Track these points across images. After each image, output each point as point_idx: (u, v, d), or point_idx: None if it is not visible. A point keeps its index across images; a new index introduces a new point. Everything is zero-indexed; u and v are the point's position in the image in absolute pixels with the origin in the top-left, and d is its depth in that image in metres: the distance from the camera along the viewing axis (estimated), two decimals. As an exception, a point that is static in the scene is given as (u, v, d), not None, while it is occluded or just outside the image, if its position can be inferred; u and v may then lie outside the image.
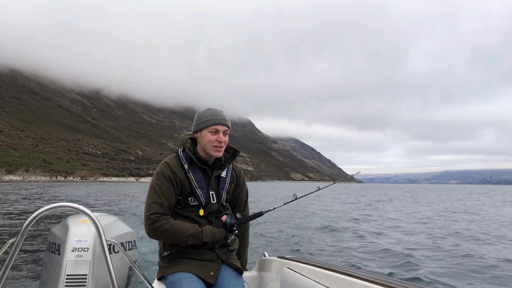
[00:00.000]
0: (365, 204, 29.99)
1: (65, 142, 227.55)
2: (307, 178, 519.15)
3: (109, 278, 1.90)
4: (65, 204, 1.92)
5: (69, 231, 2.82)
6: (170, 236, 2.47)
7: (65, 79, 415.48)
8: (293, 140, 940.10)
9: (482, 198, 45.41)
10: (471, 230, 13.58)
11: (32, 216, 1.84)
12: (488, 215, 20.98)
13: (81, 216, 2.75)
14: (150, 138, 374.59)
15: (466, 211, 23.59)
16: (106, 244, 1.96)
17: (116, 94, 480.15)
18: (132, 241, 3.17)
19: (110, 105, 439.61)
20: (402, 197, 44.17)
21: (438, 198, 44.09)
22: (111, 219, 3.17)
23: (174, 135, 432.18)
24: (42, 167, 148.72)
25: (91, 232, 2.77)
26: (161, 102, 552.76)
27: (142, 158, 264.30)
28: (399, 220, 17.06)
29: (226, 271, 2.57)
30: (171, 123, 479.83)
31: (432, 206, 28.06)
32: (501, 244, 10.69)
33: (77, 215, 3.04)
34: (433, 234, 12.42)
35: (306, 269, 2.56)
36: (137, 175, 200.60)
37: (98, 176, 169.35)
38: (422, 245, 10.33)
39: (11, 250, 1.78)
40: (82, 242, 2.76)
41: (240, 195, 2.87)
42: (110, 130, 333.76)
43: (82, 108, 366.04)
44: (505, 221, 17.22)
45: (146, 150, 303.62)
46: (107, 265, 1.90)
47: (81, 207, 1.96)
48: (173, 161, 2.61)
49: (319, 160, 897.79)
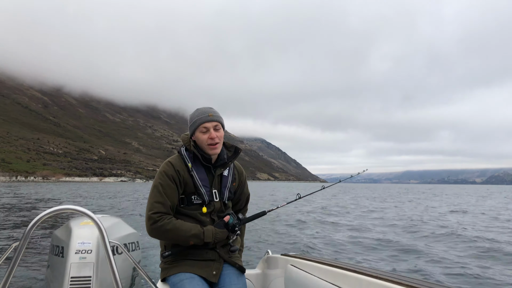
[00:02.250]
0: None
1: (24, 141, 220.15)
2: (273, 178, 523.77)
3: (113, 279, 1.91)
4: (68, 207, 1.94)
5: (72, 233, 2.85)
6: (171, 235, 2.48)
7: (24, 76, 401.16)
8: (259, 140, 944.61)
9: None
10: None
11: (35, 219, 1.85)
12: None
13: (84, 218, 2.88)
14: (113, 137, 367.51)
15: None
16: (110, 246, 1.98)
17: (78, 92, 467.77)
18: (135, 242, 3.21)
19: (72, 103, 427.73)
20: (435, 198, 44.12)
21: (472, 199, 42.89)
22: (114, 221, 3.22)
23: (139, 134, 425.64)
24: (0, 167, 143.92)
25: (94, 234, 2.82)
26: (125, 100, 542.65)
27: (105, 158, 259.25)
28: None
29: (228, 270, 2.58)
30: (135, 122, 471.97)
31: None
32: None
33: (79, 217, 3.10)
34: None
35: (310, 266, 2.57)
36: (101, 175, 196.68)
37: (60, 176, 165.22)
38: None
39: (15, 254, 1.79)
40: (86, 244, 2.80)
41: (242, 194, 2.89)
42: (72, 128, 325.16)
43: (42, 106, 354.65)
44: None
45: (110, 149, 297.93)
46: (111, 266, 1.92)
47: (84, 210, 1.97)
48: (177, 160, 2.62)
49: (284, 160, 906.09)
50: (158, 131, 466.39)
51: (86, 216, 2.00)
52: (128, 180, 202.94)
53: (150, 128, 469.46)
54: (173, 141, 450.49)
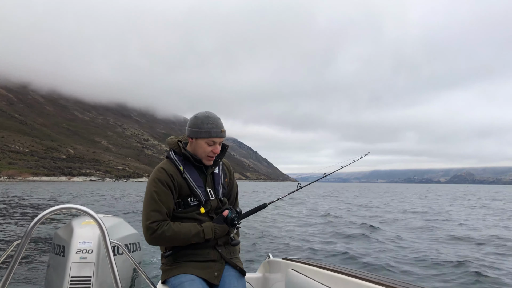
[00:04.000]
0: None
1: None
2: (244, 177, 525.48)
3: (113, 280, 1.90)
4: (70, 206, 1.95)
5: (73, 233, 2.84)
6: (172, 241, 2.47)
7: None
8: (231, 140, 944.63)
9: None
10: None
11: (36, 218, 1.84)
12: None
13: (86, 217, 2.86)
14: (82, 136, 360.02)
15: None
16: (111, 246, 1.96)
17: (46, 89, 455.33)
18: (136, 243, 3.21)
19: (39, 101, 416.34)
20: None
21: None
22: (116, 221, 3.22)
23: (108, 133, 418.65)
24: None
25: (96, 233, 2.81)
26: (94, 98, 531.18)
27: (74, 157, 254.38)
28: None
29: (228, 272, 2.56)
30: (105, 121, 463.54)
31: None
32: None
33: (81, 217, 3.08)
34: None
35: (311, 270, 2.55)
36: (70, 174, 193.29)
37: (27, 175, 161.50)
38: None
39: (16, 252, 1.79)
40: (87, 244, 2.79)
41: (232, 189, 2.88)
42: (39, 127, 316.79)
43: (7, 103, 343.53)
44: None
45: (79, 148, 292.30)
46: (111, 267, 1.90)
47: (86, 209, 1.96)
48: (168, 165, 2.59)
49: (256, 160, 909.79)
50: (128, 130, 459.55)
51: (88, 215, 1.99)
52: (98, 179, 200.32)
53: (120, 126, 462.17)
54: (143, 140, 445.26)
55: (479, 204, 33.47)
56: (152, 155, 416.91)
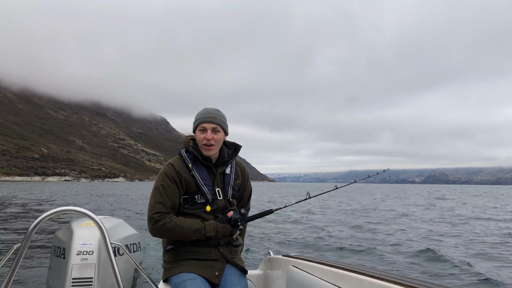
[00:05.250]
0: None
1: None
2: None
3: (114, 280, 1.92)
4: (69, 208, 1.95)
5: (73, 234, 2.85)
6: (173, 233, 2.50)
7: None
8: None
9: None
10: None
11: (36, 220, 1.85)
12: None
13: (86, 219, 2.84)
14: (56, 135, 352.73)
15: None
16: (111, 247, 1.97)
17: (18, 87, 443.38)
18: (137, 243, 3.22)
19: (11, 98, 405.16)
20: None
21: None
22: (116, 222, 3.22)
23: (83, 132, 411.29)
24: None
25: (96, 235, 2.81)
26: (69, 96, 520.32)
27: (48, 156, 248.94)
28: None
29: (230, 271, 2.58)
30: (80, 119, 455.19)
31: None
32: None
33: (81, 219, 3.09)
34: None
35: (311, 267, 2.57)
36: (43, 174, 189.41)
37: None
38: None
39: (16, 255, 1.79)
40: (87, 245, 2.79)
41: (244, 191, 2.89)
42: (10, 125, 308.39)
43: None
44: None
45: (52, 147, 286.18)
46: (112, 267, 1.92)
47: (85, 211, 1.97)
48: (177, 162, 2.65)
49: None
50: (104, 129, 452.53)
51: (87, 217, 1.99)
52: (73, 179, 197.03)
53: (96, 125, 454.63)
54: (119, 139, 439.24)
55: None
56: (128, 154, 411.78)
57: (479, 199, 47.15)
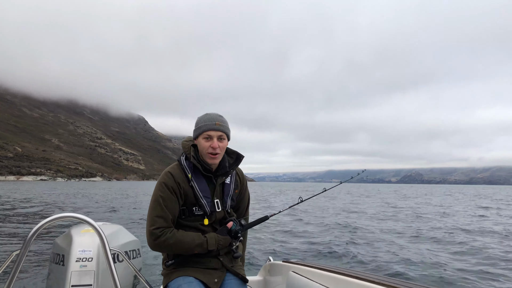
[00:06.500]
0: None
1: None
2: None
3: (114, 287, 1.89)
4: (68, 215, 1.92)
5: (72, 241, 2.83)
6: (175, 248, 2.42)
7: None
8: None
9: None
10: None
11: (35, 227, 1.82)
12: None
13: (85, 226, 2.88)
14: (31, 134, 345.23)
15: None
16: (110, 253, 1.95)
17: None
18: (136, 250, 3.20)
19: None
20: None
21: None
22: (115, 228, 3.20)
23: (59, 130, 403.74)
24: None
25: (95, 241, 2.79)
26: (44, 94, 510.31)
27: (22, 155, 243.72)
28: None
29: (230, 279, 2.53)
30: (56, 118, 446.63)
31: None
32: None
33: (80, 225, 3.06)
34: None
35: (311, 272, 2.53)
36: (18, 174, 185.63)
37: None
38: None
39: (15, 263, 1.77)
40: (86, 252, 2.77)
41: (242, 200, 2.80)
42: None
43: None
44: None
45: (27, 146, 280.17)
46: (111, 274, 1.90)
47: (85, 217, 1.94)
48: (176, 171, 2.51)
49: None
50: (80, 128, 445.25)
51: (87, 223, 1.97)
52: (49, 179, 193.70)
53: (72, 124, 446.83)
54: (96, 138, 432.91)
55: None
56: (106, 154, 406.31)
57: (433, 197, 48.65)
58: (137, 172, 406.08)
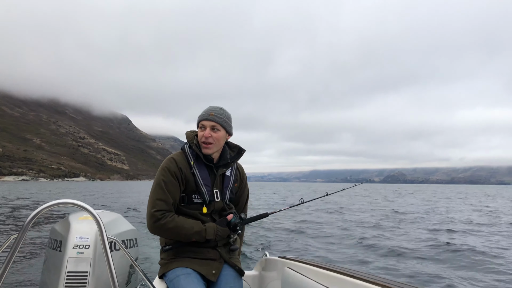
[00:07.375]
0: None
1: None
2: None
3: (109, 275, 1.89)
4: (67, 201, 1.92)
5: (70, 228, 2.83)
6: (173, 233, 2.45)
7: None
8: (172, 139, 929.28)
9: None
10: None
11: (34, 212, 1.82)
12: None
13: (83, 213, 2.82)
14: (11, 133, 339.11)
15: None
16: (108, 242, 1.96)
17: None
18: (133, 239, 3.20)
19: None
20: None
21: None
22: (113, 216, 3.20)
23: (41, 130, 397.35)
24: None
25: (93, 229, 2.80)
26: (25, 93, 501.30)
27: (2, 155, 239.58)
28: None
29: (226, 271, 2.56)
30: (37, 117, 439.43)
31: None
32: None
33: (79, 212, 3.06)
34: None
35: (307, 269, 2.55)
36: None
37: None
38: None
39: (13, 246, 1.76)
40: (84, 239, 2.78)
41: (242, 195, 2.86)
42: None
43: None
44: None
45: (7, 146, 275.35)
46: (108, 262, 1.89)
47: (83, 204, 1.94)
48: (180, 157, 2.58)
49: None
50: (63, 127, 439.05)
51: (85, 210, 1.98)
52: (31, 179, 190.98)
53: (54, 123, 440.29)
54: (79, 138, 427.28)
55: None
56: (89, 153, 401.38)
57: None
58: (121, 172, 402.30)
